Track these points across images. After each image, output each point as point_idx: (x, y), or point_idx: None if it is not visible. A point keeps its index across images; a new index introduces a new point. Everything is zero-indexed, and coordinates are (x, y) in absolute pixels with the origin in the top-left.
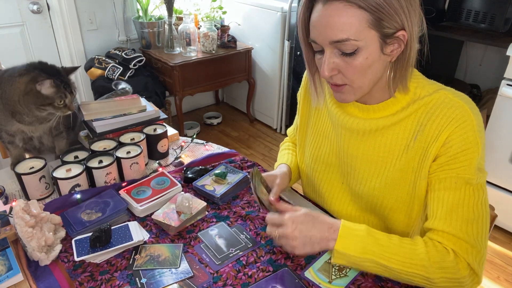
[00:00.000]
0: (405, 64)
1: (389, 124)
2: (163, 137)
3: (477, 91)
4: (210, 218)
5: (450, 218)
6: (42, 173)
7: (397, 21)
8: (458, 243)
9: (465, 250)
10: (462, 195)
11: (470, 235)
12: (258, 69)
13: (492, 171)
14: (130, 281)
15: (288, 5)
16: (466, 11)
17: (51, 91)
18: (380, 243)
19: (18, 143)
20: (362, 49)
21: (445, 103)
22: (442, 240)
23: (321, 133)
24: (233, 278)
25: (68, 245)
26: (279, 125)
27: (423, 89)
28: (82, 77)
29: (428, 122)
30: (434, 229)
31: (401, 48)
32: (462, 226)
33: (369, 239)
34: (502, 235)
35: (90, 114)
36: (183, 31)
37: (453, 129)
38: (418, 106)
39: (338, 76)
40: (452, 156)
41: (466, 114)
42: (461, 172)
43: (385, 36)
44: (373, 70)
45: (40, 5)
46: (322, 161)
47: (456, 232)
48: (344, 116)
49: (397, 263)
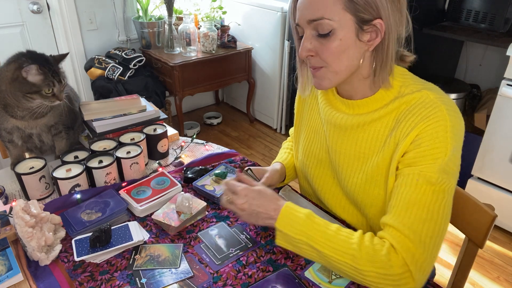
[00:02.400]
0: (384, 56)
1: (370, 120)
2: (163, 137)
3: (477, 91)
4: (210, 218)
5: (403, 215)
6: (42, 173)
7: (373, 7)
8: (400, 239)
9: (406, 248)
10: (420, 193)
11: (416, 234)
12: (258, 69)
13: (492, 171)
14: (130, 281)
15: (288, 5)
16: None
17: (38, 78)
18: (316, 228)
19: (17, 142)
20: (337, 30)
21: (424, 103)
22: (387, 235)
23: (313, 130)
24: (233, 278)
25: (68, 245)
26: (279, 125)
27: (407, 88)
28: (82, 77)
29: (404, 119)
30: (385, 223)
31: (379, 38)
32: (410, 223)
33: (307, 222)
34: (502, 235)
35: (90, 114)
36: (183, 31)
37: (424, 127)
38: (399, 104)
39: (316, 59)
40: (419, 154)
41: (441, 114)
42: (424, 170)
43: (361, 21)
44: (348, 56)
45: (40, 5)
46: (314, 157)
47: (403, 229)
48: (331, 111)
49: (329, 249)
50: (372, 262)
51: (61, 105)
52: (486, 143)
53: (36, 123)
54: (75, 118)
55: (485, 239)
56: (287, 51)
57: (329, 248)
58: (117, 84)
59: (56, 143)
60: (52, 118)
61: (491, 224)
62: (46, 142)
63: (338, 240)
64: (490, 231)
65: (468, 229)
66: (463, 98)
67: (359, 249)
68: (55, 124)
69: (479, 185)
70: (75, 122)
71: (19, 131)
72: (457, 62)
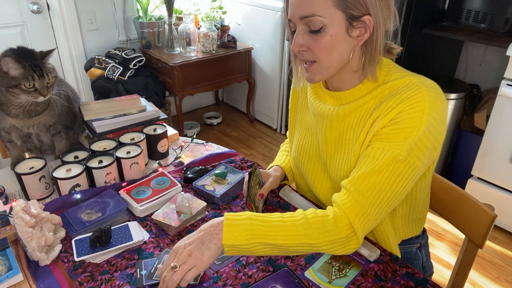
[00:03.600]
0: (372, 50)
1: (355, 107)
2: (163, 137)
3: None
4: (210, 218)
5: (361, 181)
6: (42, 173)
7: (362, 5)
8: (350, 203)
9: (355, 212)
10: (383, 166)
11: (368, 201)
12: (258, 69)
13: (492, 171)
14: (130, 281)
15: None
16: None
17: (18, 72)
18: (264, 225)
19: (17, 142)
20: (328, 26)
21: (407, 87)
22: (338, 198)
23: (305, 126)
24: (233, 278)
25: (68, 245)
26: (279, 125)
27: (391, 76)
28: (82, 77)
29: (385, 101)
30: (343, 186)
31: (368, 34)
32: (365, 190)
33: (252, 225)
34: (502, 235)
35: (90, 114)
36: (183, 31)
37: (404, 107)
38: (382, 90)
39: (308, 53)
40: (393, 130)
41: (421, 96)
42: (393, 147)
43: (350, 18)
44: (339, 50)
45: (40, 5)
46: (306, 152)
47: (356, 194)
48: (319, 104)
49: (283, 238)
50: (322, 233)
51: (58, 105)
52: (486, 143)
53: (32, 122)
54: (75, 119)
55: (485, 239)
56: (287, 51)
57: (282, 238)
58: (117, 84)
59: (56, 143)
60: (49, 118)
61: (491, 224)
62: (45, 142)
63: (287, 227)
64: (490, 231)
65: (468, 229)
66: (463, 98)
67: (308, 226)
68: (53, 124)
69: (479, 185)
70: (74, 122)
71: (17, 131)
72: (457, 62)
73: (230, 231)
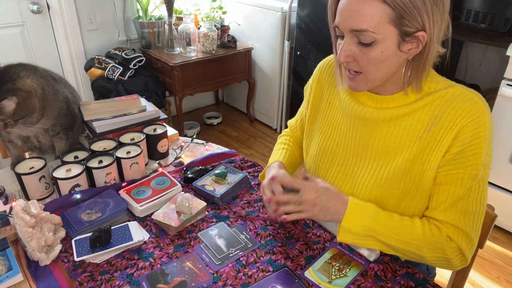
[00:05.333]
0: (421, 64)
1: (402, 114)
2: (163, 137)
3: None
4: (210, 218)
5: (451, 210)
6: (42, 173)
7: (418, 21)
8: (455, 231)
9: (460, 238)
10: (467, 190)
11: (467, 225)
12: (258, 69)
13: (492, 171)
14: (130, 281)
15: (288, 5)
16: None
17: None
18: (383, 223)
19: (17, 142)
20: (379, 42)
21: (461, 97)
22: (444, 228)
23: (331, 124)
24: (233, 278)
25: (68, 245)
26: (279, 125)
27: (438, 84)
28: (82, 77)
29: (444, 115)
30: (434, 218)
31: (419, 48)
32: (460, 217)
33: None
34: (502, 235)
35: (90, 114)
36: (183, 31)
37: (467, 123)
38: (433, 99)
39: (354, 64)
40: (462, 149)
41: (480, 109)
42: (468, 169)
43: (404, 34)
44: (387, 64)
45: (40, 5)
46: (329, 152)
47: (454, 222)
48: (357, 105)
49: (395, 241)
50: (433, 250)
51: (56, 108)
52: None
53: (28, 129)
54: (74, 120)
55: (485, 239)
56: (287, 51)
57: (395, 240)
58: (117, 84)
59: (56, 144)
60: (47, 122)
61: (491, 224)
62: (44, 142)
63: (403, 232)
64: (490, 231)
65: None
66: None
67: (422, 239)
68: (52, 126)
69: None
70: (74, 124)
71: (15, 133)
72: (457, 62)
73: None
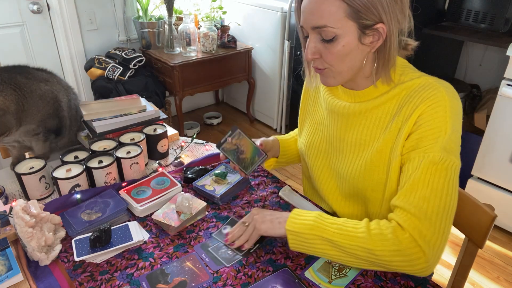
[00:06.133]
0: (386, 55)
1: (372, 107)
2: (163, 137)
3: (477, 91)
4: (210, 218)
5: (409, 195)
6: (42, 173)
7: (374, 13)
8: (407, 218)
9: (412, 225)
10: (424, 173)
11: (421, 211)
12: (258, 69)
13: (492, 171)
14: (130, 281)
15: (288, 5)
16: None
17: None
18: (325, 221)
19: (14, 144)
20: (340, 36)
21: (424, 87)
22: (394, 216)
23: (316, 122)
24: (233, 278)
25: (68, 245)
26: (279, 125)
27: (407, 76)
28: (82, 77)
29: (406, 104)
30: (393, 205)
31: (381, 40)
32: (416, 202)
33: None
34: (502, 235)
35: (90, 114)
36: (183, 31)
37: (425, 108)
38: (399, 90)
39: (320, 61)
40: (421, 134)
41: (440, 95)
42: (427, 151)
43: (363, 27)
44: (351, 58)
45: (40, 5)
46: (314, 148)
47: (408, 207)
48: (334, 101)
49: (341, 237)
50: (382, 241)
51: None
52: (486, 143)
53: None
54: (60, 123)
55: (485, 239)
56: (287, 51)
57: (341, 236)
58: (117, 84)
59: (33, 144)
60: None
61: (491, 224)
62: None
63: (347, 227)
64: (490, 231)
65: (468, 229)
66: (463, 98)
67: (368, 231)
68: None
69: (479, 185)
70: (60, 128)
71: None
72: (457, 62)
73: (294, 218)
